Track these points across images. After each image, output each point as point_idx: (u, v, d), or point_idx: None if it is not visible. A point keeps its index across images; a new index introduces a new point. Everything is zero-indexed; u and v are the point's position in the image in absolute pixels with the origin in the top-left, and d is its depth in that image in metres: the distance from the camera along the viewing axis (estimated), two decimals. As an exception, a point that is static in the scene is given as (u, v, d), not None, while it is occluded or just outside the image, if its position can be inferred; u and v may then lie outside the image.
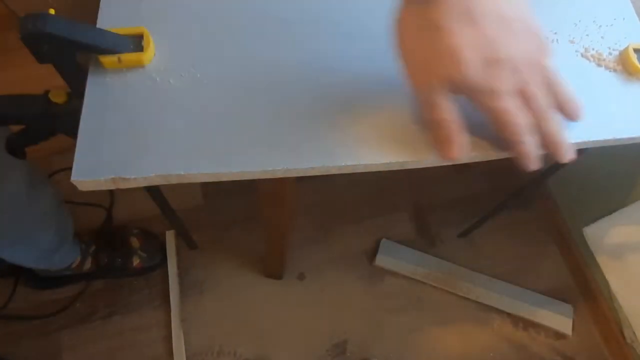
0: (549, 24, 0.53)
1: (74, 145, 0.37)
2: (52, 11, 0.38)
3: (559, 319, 1.02)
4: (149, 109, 0.40)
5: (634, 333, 0.93)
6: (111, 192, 1.02)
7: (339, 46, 0.47)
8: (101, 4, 0.44)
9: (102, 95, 0.40)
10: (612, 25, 0.54)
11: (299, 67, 0.45)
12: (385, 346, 0.96)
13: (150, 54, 0.42)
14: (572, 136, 0.45)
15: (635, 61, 0.50)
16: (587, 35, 0.53)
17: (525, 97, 0.35)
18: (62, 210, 0.74)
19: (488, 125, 0.37)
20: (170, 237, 0.99)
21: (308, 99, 0.43)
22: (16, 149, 0.54)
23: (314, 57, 0.46)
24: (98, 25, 0.43)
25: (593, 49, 0.52)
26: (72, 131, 0.39)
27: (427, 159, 0.41)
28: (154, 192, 0.67)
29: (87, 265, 0.89)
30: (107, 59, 0.41)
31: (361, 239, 1.07)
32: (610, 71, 0.51)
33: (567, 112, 0.39)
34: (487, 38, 0.33)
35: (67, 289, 0.91)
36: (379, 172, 0.42)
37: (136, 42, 0.42)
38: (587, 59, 0.51)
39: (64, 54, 0.39)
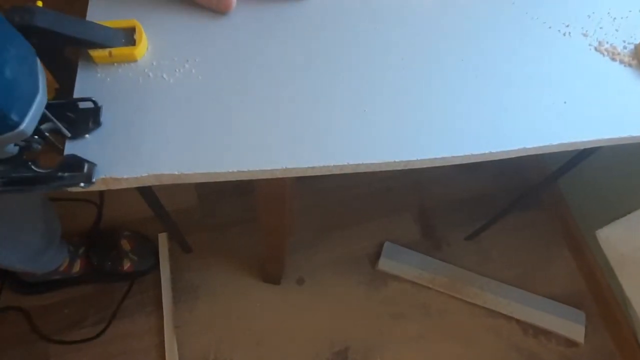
0: (561, 15, 0.51)
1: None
2: (39, 3, 0.36)
3: (570, 326, 1.00)
4: (141, 105, 0.39)
5: (648, 340, 0.90)
6: (101, 192, 1.00)
7: (341, 41, 0.45)
8: (91, -4, 0.43)
9: (92, 91, 0.39)
10: (627, 17, 0.52)
11: (299, 64, 0.43)
12: (388, 354, 0.94)
13: (143, 48, 0.41)
14: (585, 134, 0.44)
15: (652, 55, 0.48)
16: (601, 28, 0.51)
17: None
18: (49, 210, 0.73)
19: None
20: (163, 240, 0.96)
21: (307, 96, 0.41)
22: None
23: (314, 52, 0.44)
24: (88, 18, 0.42)
25: (607, 43, 0.50)
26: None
27: (431, 158, 0.40)
28: (146, 192, 0.65)
29: (76, 267, 0.86)
30: (97, 54, 0.39)
31: (363, 242, 1.04)
32: (625, 66, 0.49)
33: None
34: None
35: (54, 294, 0.88)
36: (382, 171, 0.40)
37: (128, 36, 0.40)
38: (601, 52, 0.49)
39: (52, 48, 0.37)
